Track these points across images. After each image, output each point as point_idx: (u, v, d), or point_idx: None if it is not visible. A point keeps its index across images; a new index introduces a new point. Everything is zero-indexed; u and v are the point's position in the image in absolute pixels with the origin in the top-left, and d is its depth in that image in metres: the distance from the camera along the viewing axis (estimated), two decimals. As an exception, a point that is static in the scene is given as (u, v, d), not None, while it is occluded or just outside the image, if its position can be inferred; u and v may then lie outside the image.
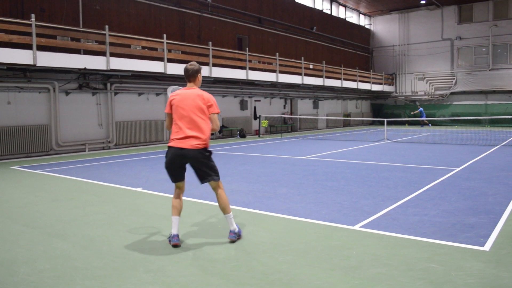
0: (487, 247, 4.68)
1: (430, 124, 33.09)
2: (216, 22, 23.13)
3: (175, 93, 5.03)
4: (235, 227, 4.97)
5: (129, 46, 16.53)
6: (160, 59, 17.42)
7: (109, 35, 15.45)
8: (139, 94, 18.55)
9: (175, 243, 4.78)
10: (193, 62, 5.08)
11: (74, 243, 5.04)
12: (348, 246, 4.79)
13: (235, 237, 4.95)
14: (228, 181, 9.13)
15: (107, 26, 15.46)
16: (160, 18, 19.99)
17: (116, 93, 17.52)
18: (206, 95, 4.92)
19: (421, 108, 32.80)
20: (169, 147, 4.87)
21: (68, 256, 4.59)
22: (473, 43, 35.01)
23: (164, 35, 17.57)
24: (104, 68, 15.37)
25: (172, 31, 20.11)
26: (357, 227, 5.53)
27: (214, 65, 19.90)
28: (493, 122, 31.67)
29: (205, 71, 19.42)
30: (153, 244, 4.94)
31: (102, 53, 15.41)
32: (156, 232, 5.45)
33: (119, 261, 4.42)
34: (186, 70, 5.01)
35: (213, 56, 19.79)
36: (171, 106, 4.95)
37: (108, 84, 17.16)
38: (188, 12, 21.39)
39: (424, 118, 31.01)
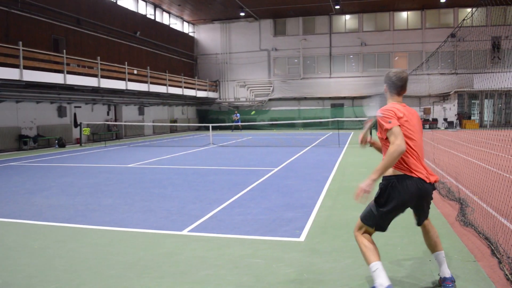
0: (302, 238, 5.17)
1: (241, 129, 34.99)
2: (28, 20, 20.96)
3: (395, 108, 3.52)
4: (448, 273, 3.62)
5: None
6: (-44, 59, 15.07)
7: None
8: None
9: None
10: (401, 69, 3.68)
11: None
12: (177, 251, 4.79)
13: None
14: (45, 195, 8.33)
15: None
16: (-45, 12, 17.30)
17: None
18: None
19: (238, 114, 34.81)
20: (412, 177, 3.42)
21: None
22: (287, 55, 38.52)
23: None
24: None
25: (-28, 27, 17.59)
26: (185, 231, 5.57)
27: (26, 67, 17.99)
28: (306, 126, 35.28)
29: (15, 74, 17.43)
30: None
31: None
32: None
33: None
34: (402, 79, 3.59)
35: (24, 58, 17.88)
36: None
37: None
38: (-9, 7, 18.97)
39: (239, 123, 33.00)
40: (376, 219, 3.56)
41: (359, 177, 9.85)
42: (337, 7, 34.04)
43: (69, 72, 20.69)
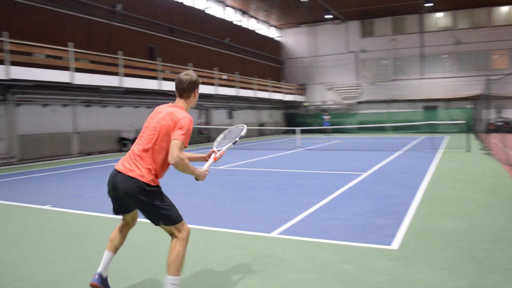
0: (394, 246, 4.99)
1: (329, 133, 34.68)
2: (126, 31, 22.54)
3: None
4: None
5: (31, 54, 15.54)
6: (66, 68, 16.57)
7: (9, 42, 14.43)
8: (44, 105, 17.47)
9: (93, 282, 3.62)
10: (189, 71, 3.70)
11: (-28, 269, 4.59)
12: (266, 253, 4.85)
13: None
14: (143, 194, 8.86)
15: (6, 33, 14.42)
16: (65, 25, 19.05)
17: (18, 105, 16.34)
18: (180, 114, 3.45)
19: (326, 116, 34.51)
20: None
21: (-35, 284, 4.17)
22: (375, 56, 37.49)
23: (71, 44, 16.76)
24: (4, 77, 14.31)
25: (79, 39, 19.24)
26: (274, 234, 5.63)
27: (125, 75, 19.34)
28: (396, 129, 34.03)
29: (115, 81, 18.81)
30: (64, 266, 4.65)
31: (1, 61, 14.34)
32: (67, 252, 5.13)
33: (27, 286, 4.10)
34: (179, 81, 3.60)
35: (124, 66, 19.23)
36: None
37: (9, 95, 15.96)
38: (95, 20, 20.63)
39: (328, 127, 32.61)
40: None
41: (456, 184, 9.31)
42: (429, 4, 32.48)
43: (163, 79, 21.88)
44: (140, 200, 3.39)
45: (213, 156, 3.87)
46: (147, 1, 24.27)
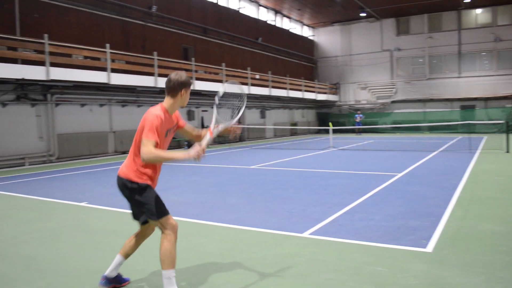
0: (429, 248, 4.87)
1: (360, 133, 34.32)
2: (161, 31, 22.90)
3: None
4: None
5: (70, 55, 16.00)
6: (103, 69, 16.98)
7: (49, 44, 14.90)
8: (82, 105, 17.95)
9: (99, 286, 3.90)
10: (181, 72, 3.84)
11: (14, 263, 4.77)
12: (298, 253, 4.83)
13: None
14: (176, 192, 9.00)
15: (46, 35, 14.91)
16: (102, 27, 19.52)
17: (57, 104, 16.86)
18: (148, 113, 3.63)
19: (358, 115, 34.09)
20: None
21: (8, 277, 4.33)
22: (411, 54, 36.71)
23: (107, 45, 17.16)
24: (44, 78, 14.78)
25: (116, 40, 19.69)
26: (306, 234, 5.60)
27: (160, 75, 19.64)
28: (432, 129, 33.24)
29: (150, 81, 19.14)
30: (99, 261, 4.76)
31: (41, 63, 14.81)
32: (102, 248, 5.26)
33: (63, 280, 4.23)
34: (168, 80, 3.75)
35: (159, 66, 19.53)
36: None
37: (49, 95, 16.48)
38: (131, 21, 21.05)
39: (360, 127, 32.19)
40: None
41: (494, 186, 9.02)
42: (467, 0, 31.53)
43: (197, 79, 22.12)
44: (125, 195, 3.73)
45: (215, 130, 3.99)
46: (181, 2, 24.59)
